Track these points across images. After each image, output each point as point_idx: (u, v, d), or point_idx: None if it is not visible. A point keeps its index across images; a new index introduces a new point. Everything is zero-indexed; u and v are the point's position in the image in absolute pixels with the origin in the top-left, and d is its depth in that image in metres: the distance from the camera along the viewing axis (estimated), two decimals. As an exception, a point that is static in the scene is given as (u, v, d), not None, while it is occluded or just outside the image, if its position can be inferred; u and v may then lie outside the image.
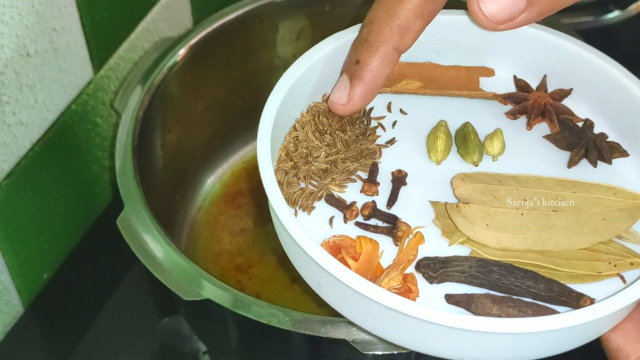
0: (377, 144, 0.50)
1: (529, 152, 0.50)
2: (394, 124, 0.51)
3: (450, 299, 0.44)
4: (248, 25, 0.74)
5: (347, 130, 0.49)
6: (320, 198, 0.47)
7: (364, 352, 0.53)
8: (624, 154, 0.50)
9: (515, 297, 0.44)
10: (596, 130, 0.51)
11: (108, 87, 0.73)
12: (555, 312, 0.43)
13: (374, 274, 0.44)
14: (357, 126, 0.50)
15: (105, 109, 0.74)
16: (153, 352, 0.70)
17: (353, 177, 0.48)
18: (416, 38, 0.46)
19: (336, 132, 0.49)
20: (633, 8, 0.89)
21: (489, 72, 0.54)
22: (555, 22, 0.67)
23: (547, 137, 0.51)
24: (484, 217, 0.46)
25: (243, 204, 0.78)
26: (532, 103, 0.52)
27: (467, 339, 0.42)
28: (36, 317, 0.71)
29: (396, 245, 0.46)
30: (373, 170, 0.48)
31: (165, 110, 0.71)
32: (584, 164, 0.50)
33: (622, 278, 0.45)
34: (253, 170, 0.79)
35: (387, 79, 0.47)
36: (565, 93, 0.52)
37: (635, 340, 0.45)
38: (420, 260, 0.45)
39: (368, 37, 0.46)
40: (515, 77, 0.54)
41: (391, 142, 0.50)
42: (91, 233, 0.77)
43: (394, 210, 0.47)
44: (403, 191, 0.48)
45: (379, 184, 0.48)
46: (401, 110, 0.52)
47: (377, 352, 0.53)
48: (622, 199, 0.47)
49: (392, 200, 0.47)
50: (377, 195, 0.48)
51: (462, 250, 0.46)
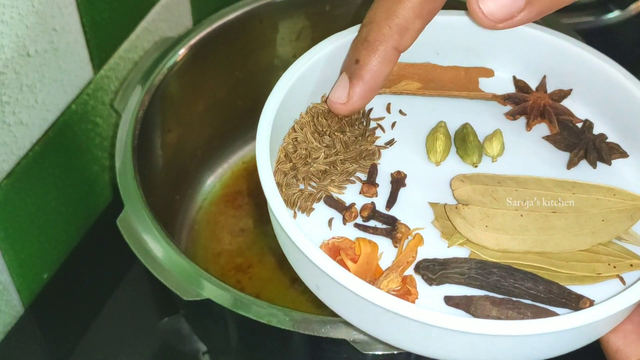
0: (376, 145, 0.50)
1: (528, 153, 0.50)
2: (393, 124, 0.51)
3: (449, 300, 0.44)
4: (248, 25, 0.74)
5: (346, 131, 0.49)
6: (319, 199, 0.47)
7: (364, 352, 0.53)
8: (623, 154, 0.50)
9: (514, 298, 0.44)
10: (596, 131, 0.51)
11: (108, 87, 0.73)
12: (555, 313, 0.43)
13: (373, 276, 0.44)
14: (356, 127, 0.50)
15: (105, 109, 0.74)
16: (153, 352, 0.70)
17: (352, 178, 0.48)
18: (416, 37, 0.46)
19: (335, 133, 0.48)
20: (633, 8, 0.89)
21: (489, 73, 0.54)
22: (555, 22, 0.67)
23: (547, 138, 0.51)
24: (483, 219, 0.46)
25: (243, 204, 0.78)
26: (532, 104, 0.52)
27: (466, 342, 0.41)
28: (36, 317, 0.71)
29: (395, 246, 0.46)
30: (372, 172, 0.48)
31: (165, 110, 0.71)
32: (584, 165, 0.50)
33: (621, 279, 0.45)
34: (253, 170, 0.79)
35: (386, 79, 0.47)
36: (564, 94, 0.52)
37: (635, 341, 0.45)
38: (420, 262, 0.45)
39: (368, 36, 0.46)
40: (514, 77, 0.54)
41: (390, 143, 0.50)
42: (91, 233, 0.77)
43: (393, 212, 0.47)
44: (402, 192, 0.48)
45: (378, 185, 0.48)
46: (400, 111, 0.52)
47: (377, 352, 0.53)
48: (622, 200, 0.47)
49: (391, 201, 0.47)
50: (376, 196, 0.47)
51: (461, 252, 0.45)
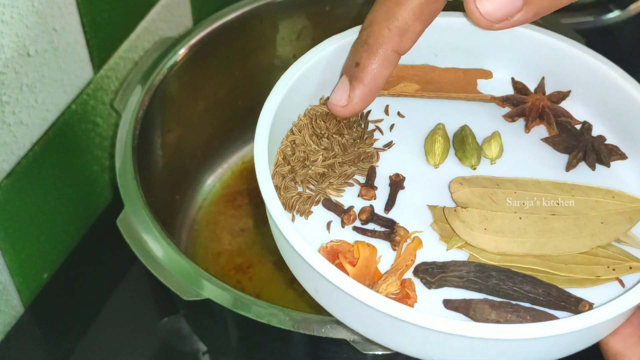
0: (375, 148, 0.49)
1: (527, 155, 0.50)
2: (392, 127, 0.51)
3: (448, 304, 0.44)
4: (248, 25, 0.74)
5: (345, 133, 0.49)
6: (317, 202, 0.47)
7: (364, 352, 0.53)
8: (622, 156, 0.50)
9: (513, 302, 0.43)
10: (594, 133, 0.51)
11: (108, 87, 0.73)
12: (554, 317, 0.43)
13: (372, 280, 0.44)
14: (354, 129, 0.50)
15: (105, 109, 0.74)
16: (153, 352, 0.70)
17: (350, 181, 0.48)
18: (416, 40, 0.46)
19: (333, 135, 0.48)
20: (633, 8, 0.89)
21: (487, 75, 0.54)
22: (554, 22, 0.67)
23: (545, 140, 0.51)
24: (482, 221, 0.46)
25: (243, 204, 0.78)
26: (530, 105, 0.52)
27: (465, 345, 0.41)
28: (36, 317, 0.71)
29: (394, 250, 0.46)
30: (371, 174, 0.48)
31: (165, 110, 0.71)
32: (582, 167, 0.50)
33: (620, 282, 0.45)
34: (253, 170, 0.77)
35: (386, 81, 0.47)
36: (563, 95, 0.52)
37: (634, 344, 0.45)
38: (419, 265, 0.45)
39: (368, 39, 0.46)
40: (513, 79, 0.53)
41: (389, 145, 0.50)
42: (91, 233, 0.77)
43: (391, 215, 0.47)
44: (401, 195, 0.48)
45: (376, 188, 0.48)
46: (399, 113, 0.52)
47: (377, 352, 0.54)
48: (621, 203, 0.47)
49: (389, 204, 0.47)
50: (375, 199, 0.47)
51: (460, 255, 0.45)
